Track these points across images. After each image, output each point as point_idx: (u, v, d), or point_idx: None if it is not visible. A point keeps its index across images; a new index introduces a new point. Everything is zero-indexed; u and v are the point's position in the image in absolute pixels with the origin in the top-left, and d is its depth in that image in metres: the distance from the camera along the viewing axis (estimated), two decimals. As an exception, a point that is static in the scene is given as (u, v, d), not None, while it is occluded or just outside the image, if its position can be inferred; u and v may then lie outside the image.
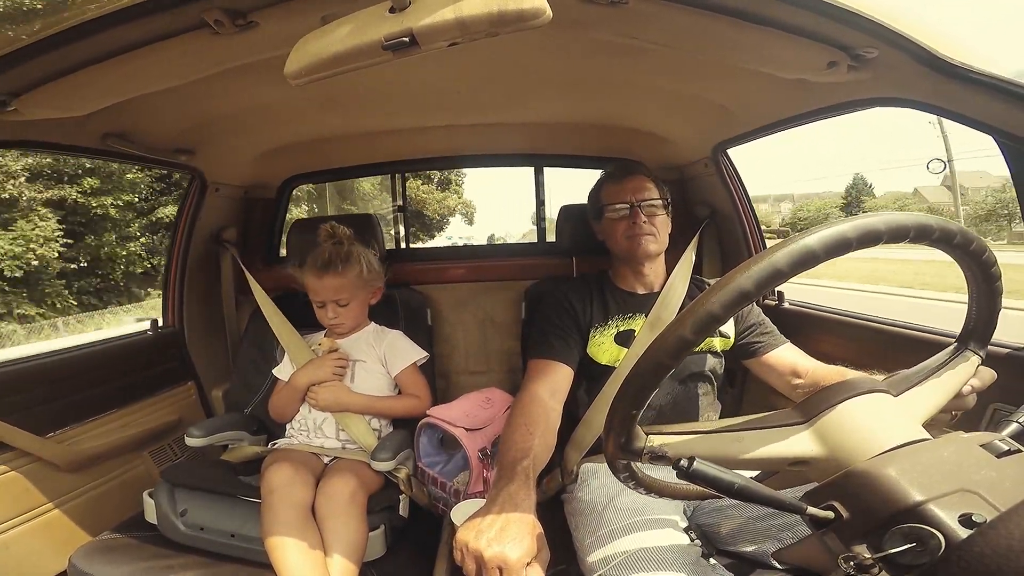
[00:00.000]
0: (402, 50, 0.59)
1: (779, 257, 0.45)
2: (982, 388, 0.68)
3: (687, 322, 0.47)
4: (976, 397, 0.69)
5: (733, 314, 0.47)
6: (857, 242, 0.45)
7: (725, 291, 0.46)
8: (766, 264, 0.45)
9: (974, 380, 0.65)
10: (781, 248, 0.46)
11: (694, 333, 0.47)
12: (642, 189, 1.16)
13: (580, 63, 1.09)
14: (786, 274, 0.46)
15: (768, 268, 0.45)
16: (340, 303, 1.28)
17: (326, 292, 1.26)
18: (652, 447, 0.54)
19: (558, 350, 1.09)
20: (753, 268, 0.46)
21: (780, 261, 0.45)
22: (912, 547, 0.40)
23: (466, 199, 26.28)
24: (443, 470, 1.27)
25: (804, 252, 0.45)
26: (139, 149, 1.25)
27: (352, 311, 1.30)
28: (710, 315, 0.46)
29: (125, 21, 0.67)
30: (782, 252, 0.45)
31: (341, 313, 1.28)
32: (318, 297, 1.28)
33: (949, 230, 0.50)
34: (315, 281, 1.27)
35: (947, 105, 0.78)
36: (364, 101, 1.31)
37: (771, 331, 1.15)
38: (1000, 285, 0.57)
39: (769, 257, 0.46)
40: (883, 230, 0.46)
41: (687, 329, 0.47)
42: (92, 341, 1.47)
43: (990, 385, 0.69)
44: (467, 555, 0.62)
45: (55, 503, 1.17)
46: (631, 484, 0.62)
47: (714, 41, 0.80)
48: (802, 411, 0.55)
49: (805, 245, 0.45)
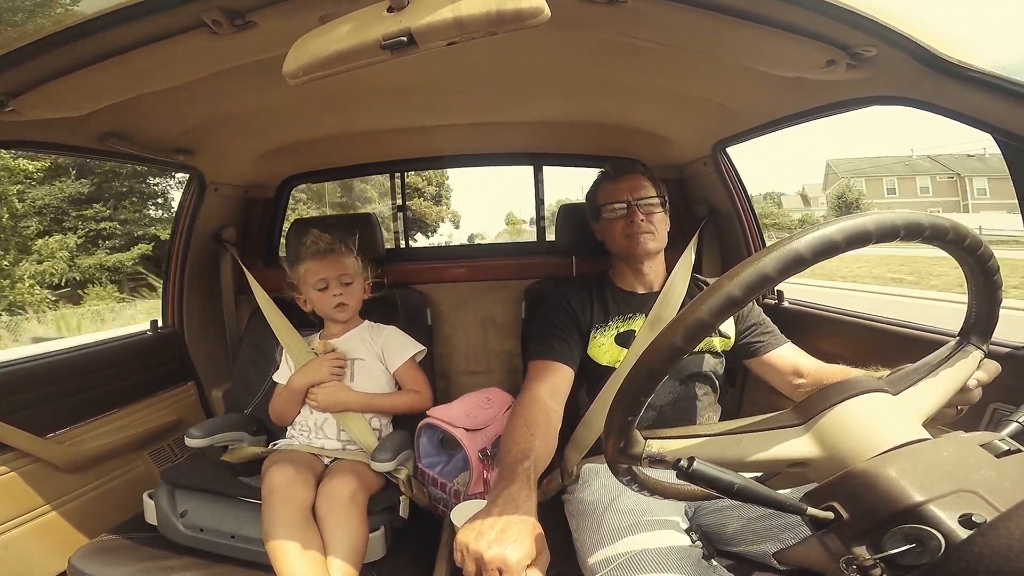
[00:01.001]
0: (400, 49, 0.59)
1: (767, 262, 0.45)
2: (988, 381, 0.67)
3: (677, 330, 0.48)
4: (982, 391, 0.68)
5: (723, 321, 0.47)
6: (845, 244, 0.45)
7: (714, 298, 0.46)
8: (754, 270, 0.45)
9: (979, 373, 0.64)
10: (769, 253, 0.45)
11: (685, 341, 0.47)
12: (639, 188, 1.16)
13: (579, 62, 1.09)
14: (774, 279, 0.45)
15: (756, 274, 0.45)
16: (343, 280, 1.30)
17: (330, 271, 1.29)
18: (651, 452, 0.54)
19: (558, 351, 1.09)
20: (741, 274, 0.46)
21: (768, 266, 0.45)
22: (912, 548, 0.39)
23: (453, 209, 27.68)
24: (443, 471, 1.27)
25: (792, 256, 0.45)
26: (138, 149, 1.25)
27: (355, 292, 1.32)
28: (700, 323, 0.46)
29: (123, 21, 0.67)
30: (770, 257, 0.45)
31: (345, 292, 1.30)
32: (320, 276, 1.29)
33: (941, 227, 0.50)
34: (316, 264, 1.30)
35: (946, 104, 0.78)
36: (363, 100, 1.31)
37: (771, 331, 1.15)
38: (999, 279, 0.57)
39: (757, 263, 0.45)
40: (872, 230, 0.45)
41: (678, 337, 0.47)
42: (92, 341, 1.47)
43: (996, 377, 0.68)
44: (467, 556, 0.62)
45: (55, 504, 1.17)
46: (633, 486, 0.62)
47: (712, 40, 0.80)
48: (800, 413, 0.55)
49: (793, 249, 0.45)
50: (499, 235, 25.34)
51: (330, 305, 1.30)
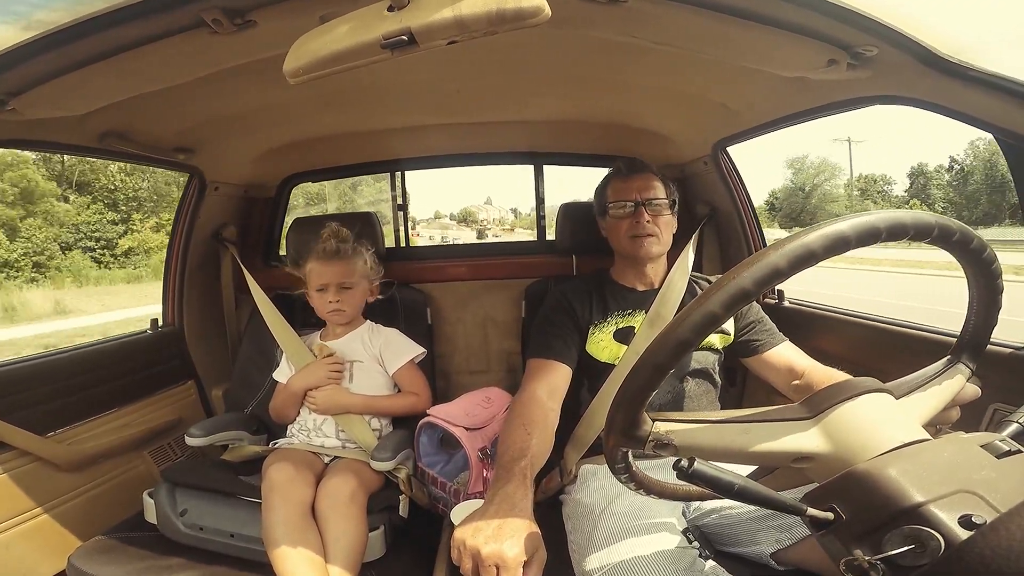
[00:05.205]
0: (400, 49, 0.59)
1: (779, 256, 0.45)
2: (963, 403, 0.68)
3: (687, 322, 0.47)
4: (960, 411, 0.69)
5: (733, 313, 0.47)
6: (856, 240, 0.45)
7: (725, 290, 0.46)
8: (766, 263, 0.45)
9: (960, 395, 0.65)
10: (781, 247, 0.46)
11: (694, 333, 0.47)
12: (649, 188, 1.16)
13: (579, 61, 1.09)
14: (786, 273, 0.46)
15: (768, 267, 0.45)
16: (343, 286, 1.29)
17: (331, 275, 1.28)
18: (658, 434, 0.53)
19: (557, 349, 1.09)
20: (753, 267, 0.46)
21: (780, 260, 0.45)
22: (912, 548, 0.39)
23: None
24: (443, 470, 1.27)
25: (803, 251, 0.45)
26: (138, 148, 1.25)
27: (353, 298, 1.31)
28: (710, 314, 0.46)
29: (123, 21, 0.67)
30: (781, 251, 0.45)
31: (343, 297, 1.29)
32: (322, 280, 1.29)
33: (948, 228, 0.50)
34: (320, 266, 1.29)
35: (947, 103, 0.78)
36: (363, 100, 1.31)
37: (770, 329, 1.15)
38: (1000, 283, 0.57)
39: (769, 256, 0.46)
40: (882, 228, 0.46)
41: (687, 329, 0.47)
42: (92, 340, 1.47)
43: (971, 401, 0.69)
44: (464, 554, 0.62)
45: (55, 503, 1.17)
46: (631, 485, 0.62)
47: (713, 39, 0.80)
48: (809, 407, 0.55)
49: (804, 244, 0.45)
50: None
51: (326, 310, 1.31)
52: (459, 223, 48.60)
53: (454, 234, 40.88)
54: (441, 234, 37.91)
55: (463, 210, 50.03)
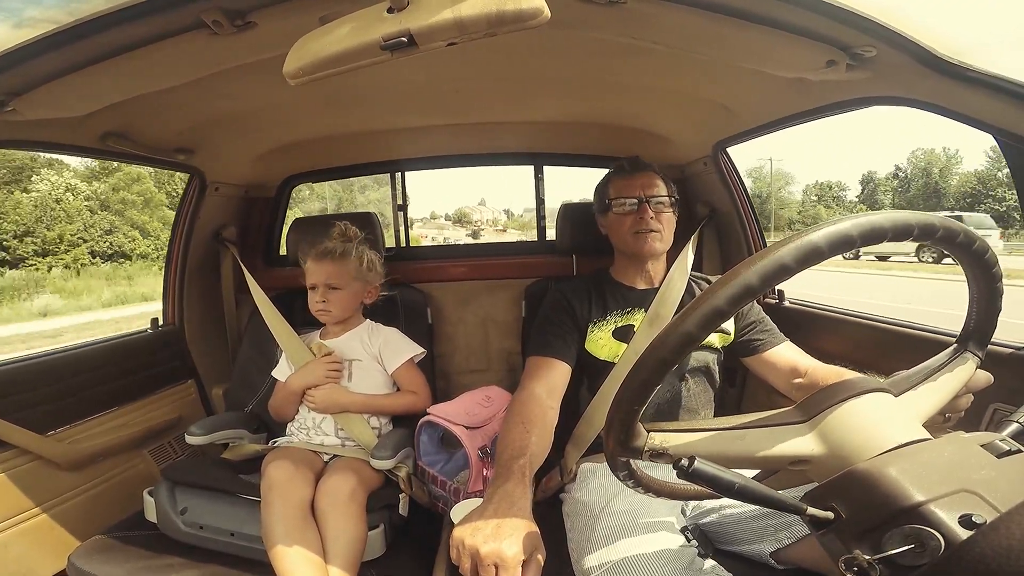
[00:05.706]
0: (400, 50, 0.59)
1: (785, 253, 0.45)
2: (975, 390, 0.68)
3: (691, 317, 0.47)
4: (972, 399, 0.69)
5: (738, 309, 0.47)
6: (861, 239, 0.46)
7: (730, 286, 0.46)
8: (772, 259, 0.46)
9: (972, 382, 0.65)
10: (786, 244, 0.46)
11: (699, 328, 0.47)
12: (652, 185, 1.17)
13: (579, 63, 1.09)
14: (792, 269, 0.46)
15: (774, 263, 0.45)
16: (330, 286, 1.30)
17: (320, 275, 1.29)
18: (653, 445, 0.54)
19: (556, 348, 1.09)
20: (759, 263, 0.46)
21: (786, 257, 0.45)
22: (912, 548, 0.39)
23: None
24: (443, 469, 1.27)
25: (809, 248, 0.45)
26: (139, 149, 1.25)
27: (341, 299, 1.31)
28: (715, 310, 0.46)
29: (123, 21, 0.67)
30: (787, 248, 0.46)
31: (330, 298, 1.30)
32: (312, 278, 1.31)
33: (952, 229, 0.50)
34: (312, 265, 1.31)
35: (946, 104, 0.78)
36: (363, 100, 1.31)
37: (770, 329, 1.15)
38: (1001, 286, 0.57)
39: (775, 252, 0.46)
40: (887, 227, 0.46)
41: (692, 324, 0.47)
42: (92, 339, 1.48)
43: (984, 388, 0.68)
44: (463, 553, 0.62)
45: (55, 501, 1.17)
46: (630, 483, 0.62)
47: (712, 40, 0.80)
48: (803, 410, 0.55)
49: (810, 241, 0.45)
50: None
51: (313, 309, 1.32)
52: (454, 223, 48.93)
53: (452, 234, 41.01)
54: (440, 235, 37.98)
55: (458, 211, 50.49)
